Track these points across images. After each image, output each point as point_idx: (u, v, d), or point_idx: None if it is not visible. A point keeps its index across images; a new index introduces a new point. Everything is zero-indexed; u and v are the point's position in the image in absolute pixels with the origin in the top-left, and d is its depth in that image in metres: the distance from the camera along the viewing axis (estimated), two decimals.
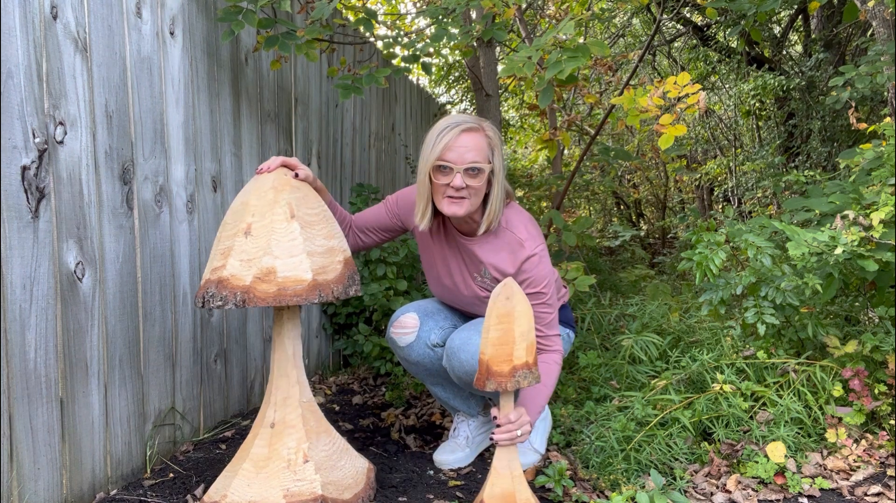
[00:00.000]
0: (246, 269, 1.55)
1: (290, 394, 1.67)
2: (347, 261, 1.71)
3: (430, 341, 1.99)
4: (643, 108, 2.19)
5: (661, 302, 3.17)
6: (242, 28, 2.06)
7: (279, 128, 2.63)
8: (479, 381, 1.62)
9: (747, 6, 2.99)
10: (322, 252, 1.63)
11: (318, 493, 1.57)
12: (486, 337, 1.61)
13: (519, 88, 6.30)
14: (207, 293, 1.55)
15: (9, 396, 1.47)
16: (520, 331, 1.60)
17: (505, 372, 1.59)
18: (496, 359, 1.60)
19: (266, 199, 1.62)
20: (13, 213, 1.47)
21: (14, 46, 1.47)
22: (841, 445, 1.96)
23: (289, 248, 1.58)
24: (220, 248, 1.61)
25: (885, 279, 2.15)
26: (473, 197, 1.80)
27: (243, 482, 1.58)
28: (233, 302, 1.53)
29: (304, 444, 1.63)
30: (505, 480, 1.63)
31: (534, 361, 1.62)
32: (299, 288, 1.56)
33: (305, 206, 1.67)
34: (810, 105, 5.37)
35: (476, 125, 1.81)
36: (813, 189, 2.50)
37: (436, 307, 2.09)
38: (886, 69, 2.62)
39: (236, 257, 1.56)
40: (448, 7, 2.47)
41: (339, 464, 1.69)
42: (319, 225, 1.67)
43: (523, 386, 1.60)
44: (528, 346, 1.61)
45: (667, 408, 2.08)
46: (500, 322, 1.60)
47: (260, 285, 1.54)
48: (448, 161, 1.76)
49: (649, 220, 9.31)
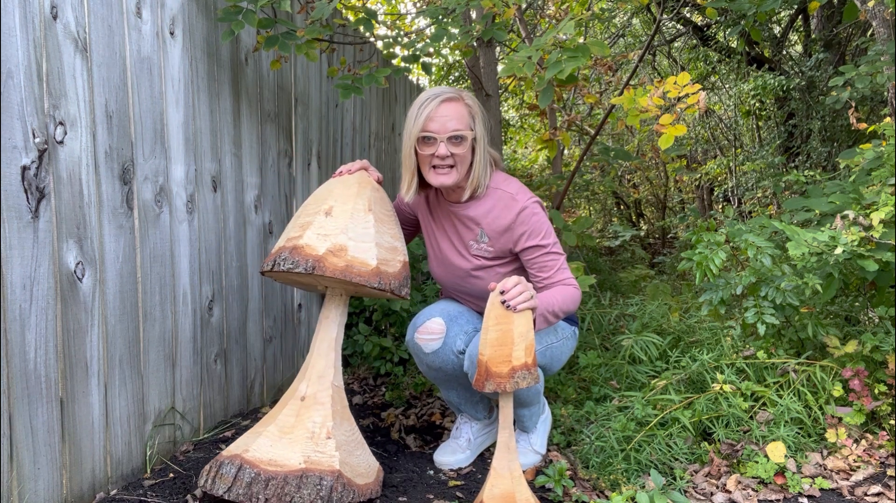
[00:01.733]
0: (321, 242, 1.70)
1: (325, 373, 1.76)
2: (405, 264, 1.85)
3: (457, 348, 1.93)
4: (643, 108, 2.19)
5: (661, 302, 3.17)
6: (242, 28, 2.06)
7: (279, 128, 2.63)
8: (479, 382, 1.61)
9: (747, 6, 2.99)
10: (387, 247, 1.78)
11: (336, 468, 1.63)
12: (485, 338, 1.61)
13: (519, 88, 6.30)
14: (280, 257, 1.68)
15: (9, 396, 1.47)
16: (518, 332, 1.59)
17: (504, 373, 1.59)
18: (495, 360, 1.59)
19: (351, 191, 1.80)
20: (13, 213, 1.47)
21: (14, 46, 1.47)
22: (841, 445, 1.96)
23: (362, 233, 1.74)
24: (299, 222, 1.76)
25: (885, 279, 2.15)
26: (460, 165, 1.86)
27: (267, 442, 1.66)
28: (303, 266, 1.66)
29: (330, 422, 1.69)
30: (505, 481, 1.63)
31: (533, 362, 1.61)
32: (364, 270, 1.69)
33: (382, 205, 1.87)
34: (810, 105, 5.37)
35: (455, 95, 1.87)
36: (813, 189, 2.50)
37: (457, 309, 2.05)
38: (886, 69, 2.62)
39: (314, 230, 1.72)
40: (448, 7, 2.47)
41: (356, 453, 1.74)
42: (390, 224, 1.85)
43: (522, 387, 1.60)
44: (527, 347, 1.60)
45: (667, 408, 2.08)
46: (499, 323, 1.60)
47: (331, 258, 1.68)
48: (431, 131, 1.82)
49: (649, 220, 9.31)
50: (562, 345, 2.02)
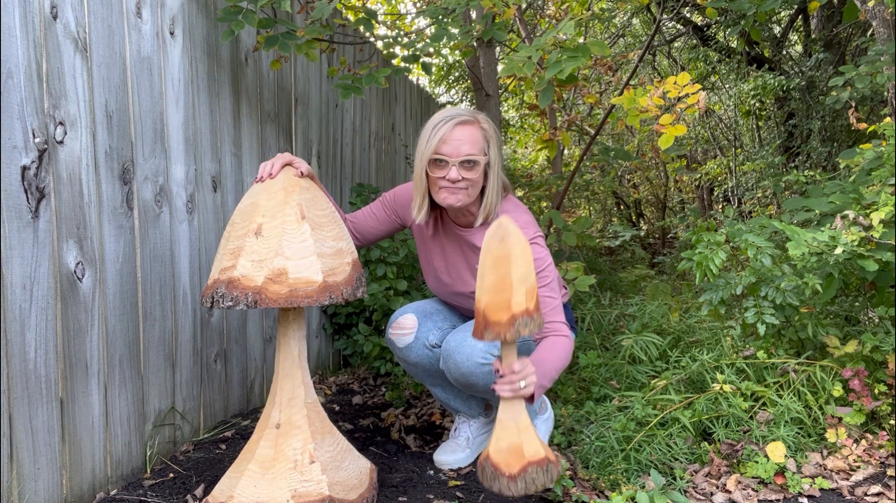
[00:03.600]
0: (257, 270, 1.53)
1: (295, 394, 1.66)
2: (355, 263, 1.70)
3: (429, 342, 1.99)
4: (643, 108, 2.19)
5: (661, 302, 3.17)
6: (242, 28, 2.06)
7: (279, 128, 2.63)
8: (477, 331, 1.48)
9: (747, 6, 2.99)
10: (331, 254, 1.62)
11: (325, 494, 1.56)
12: (482, 283, 1.47)
13: (519, 88, 6.30)
14: (217, 293, 1.52)
15: (9, 396, 1.47)
16: (517, 275, 1.45)
17: (504, 320, 1.45)
18: (493, 307, 1.45)
19: (276, 200, 1.61)
20: (13, 213, 1.47)
21: (14, 46, 1.47)
22: (841, 445, 1.96)
23: (300, 249, 1.56)
24: (229, 247, 1.59)
25: (885, 279, 2.15)
26: (471, 188, 1.81)
27: (249, 482, 1.57)
28: (244, 302, 1.51)
29: (310, 445, 1.61)
30: (511, 433, 1.50)
31: (535, 307, 1.48)
32: (310, 289, 1.54)
33: (315, 207, 1.66)
34: (810, 105, 5.37)
35: (471, 118, 1.82)
36: (813, 189, 2.50)
37: (435, 307, 2.09)
38: (886, 69, 2.62)
39: (247, 257, 1.54)
40: (448, 7, 2.47)
41: (344, 465, 1.69)
42: (329, 226, 1.67)
43: (524, 334, 1.46)
44: (528, 291, 1.46)
45: (667, 408, 2.08)
46: (496, 266, 1.45)
47: (272, 286, 1.52)
48: (443, 154, 1.77)
49: (649, 220, 9.31)
50: None
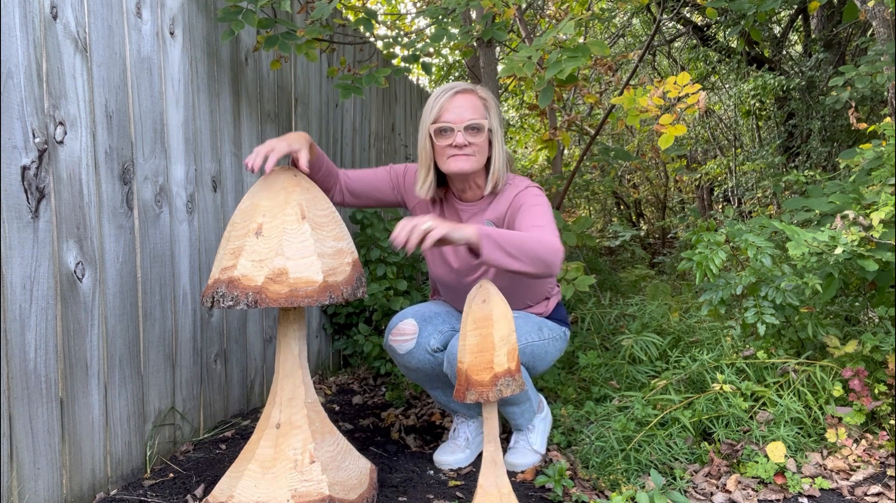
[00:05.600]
0: (258, 270, 1.54)
1: (295, 394, 1.66)
2: (355, 263, 1.70)
3: (431, 346, 1.95)
4: (643, 108, 2.20)
5: (661, 302, 3.17)
6: (242, 28, 2.06)
7: (279, 128, 2.63)
8: (459, 393, 1.51)
9: (747, 6, 2.99)
10: (332, 254, 1.63)
11: (325, 494, 1.56)
12: (464, 344, 1.51)
13: (519, 88, 6.30)
14: (217, 292, 1.53)
15: (9, 396, 1.47)
16: (500, 336, 1.49)
17: (486, 381, 1.48)
18: (476, 368, 1.49)
19: (277, 200, 1.61)
20: (13, 213, 1.47)
21: (14, 46, 1.47)
22: (841, 445, 1.96)
23: (300, 249, 1.57)
24: (229, 247, 1.60)
25: (885, 279, 2.15)
26: (478, 154, 1.83)
27: (250, 482, 1.58)
28: (244, 302, 1.51)
29: (310, 445, 1.62)
30: (493, 499, 1.55)
31: (516, 368, 1.52)
32: (311, 289, 1.55)
33: (315, 207, 1.66)
34: (810, 105, 5.37)
35: (469, 87, 1.86)
36: (813, 189, 2.50)
37: (433, 310, 2.06)
38: (886, 69, 2.62)
39: (247, 257, 1.55)
40: (448, 7, 2.47)
41: (344, 465, 1.69)
42: (329, 226, 1.67)
43: (506, 394, 1.50)
44: (510, 352, 1.51)
45: (667, 408, 2.08)
46: (478, 327, 1.49)
47: (272, 286, 1.53)
48: (448, 122, 1.80)
49: (649, 220, 9.31)
50: (546, 345, 1.99)
